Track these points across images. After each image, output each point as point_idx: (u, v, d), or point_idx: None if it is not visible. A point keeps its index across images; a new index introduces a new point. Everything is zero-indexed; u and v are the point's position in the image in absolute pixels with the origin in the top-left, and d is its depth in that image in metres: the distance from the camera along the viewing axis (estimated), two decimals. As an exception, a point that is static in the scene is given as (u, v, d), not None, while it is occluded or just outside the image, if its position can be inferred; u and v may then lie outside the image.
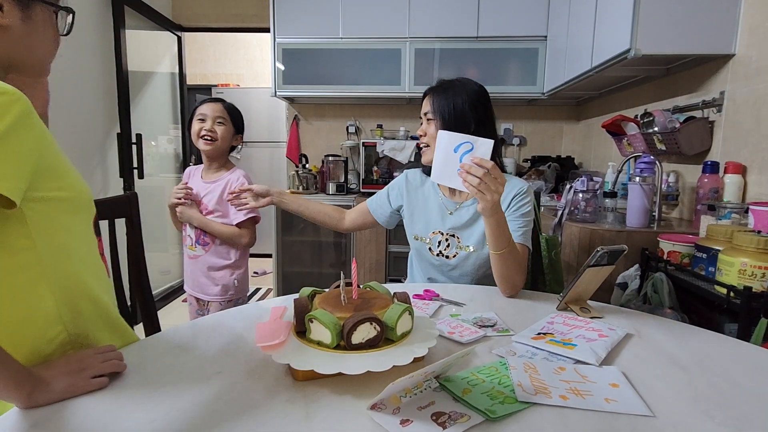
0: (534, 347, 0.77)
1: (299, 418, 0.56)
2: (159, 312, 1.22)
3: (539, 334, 0.82)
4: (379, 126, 3.17)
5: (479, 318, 0.90)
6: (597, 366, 0.70)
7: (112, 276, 0.87)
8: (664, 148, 1.79)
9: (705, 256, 1.26)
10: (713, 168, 1.58)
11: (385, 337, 0.67)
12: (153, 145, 3.25)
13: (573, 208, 1.79)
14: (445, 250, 1.24)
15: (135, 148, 2.84)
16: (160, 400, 0.60)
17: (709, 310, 1.30)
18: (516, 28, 2.71)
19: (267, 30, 2.90)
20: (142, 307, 1.17)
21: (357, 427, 0.54)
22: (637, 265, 1.48)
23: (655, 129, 1.79)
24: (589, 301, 0.99)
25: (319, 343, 0.65)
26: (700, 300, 1.26)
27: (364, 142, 2.94)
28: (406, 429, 0.53)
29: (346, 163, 3.00)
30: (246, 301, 1.72)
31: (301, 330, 0.69)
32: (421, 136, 1.23)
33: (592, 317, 0.92)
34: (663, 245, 1.42)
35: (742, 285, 1.07)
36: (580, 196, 1.77)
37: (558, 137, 3.23)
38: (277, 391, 0.62)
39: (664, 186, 1.80)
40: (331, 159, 2.98)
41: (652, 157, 1.73)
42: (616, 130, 2.11)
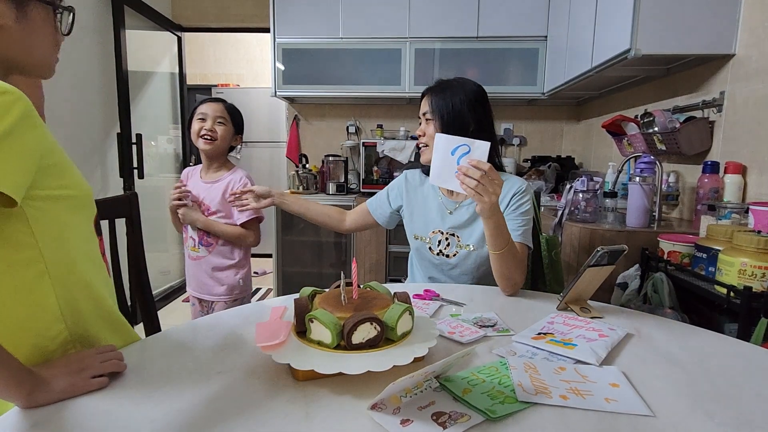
0: (534, 347, 0.77)
1: (299, 418, 0.56)
2: (159, 312, 1.22)
3: (539, 334, 0.82)
4: (379, 126, 3.17)
5: (479, 318, 0.90)
6: (597, 366, 0.70)
7: (112, 276, 0.87)
8: (664, 148, 1.79)
9: (705, 256, 1.26)
10: (713, 168, 1.58)
11: (385, 337, 0.67)
12: (153, 145, 3.25)
13: (573, 208, 1.79)
14: (445, 249, 1.24)
15: (135, 148, 2.84)
16: (160, 400, 0.60)
17: (709, 310, 1.30)
18: (516, 28, 2.71)
19: (267, 30, 2.90)
20: (142, 307, 1.17)
21: (357, 427, 0.54)
22: (637, 265, 1.48)
23: (655, 129, 1.79)
24: (589, 301, 0.99)
25: (319, 343, 0.65)
26: (700, 300, 1.26)
27: (364, 142, 2.94)
28: (406, 429, 0.53)
29: (346, 163, 3.00)
30: (250, 300, 1.73)
31: (301, 330, 0.69)
32: (420, 136, 1.23)
33: (593, 317, 0.92)
34: (663, 245, 1.43)
35: (742, 285, 1.07)
36: (581, 196, 1.77)
37: (558, 137, 3.23)
38: (277, 391, 0.62)
39: (664, 186, 1.80)
40: (331, 159, 2.98)
41: (652, 157, 1.73)
42: (616, 130, 2.11)
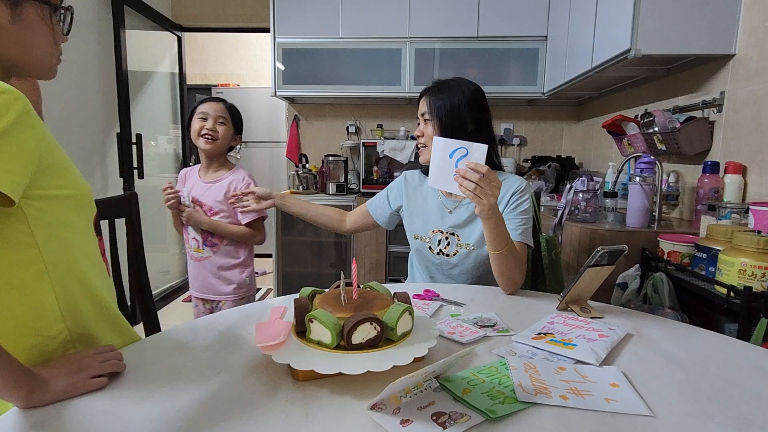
0: (534, 347, 0.77)
1: (299, 418, 0.56)
2: (159, 312, 1.22)
3: (539, 334, 0.82)
4: (379, 126, 3.17)
5: (479, 318, 0.90)
6: (597, 366, 0.70)
7: (112, 276, 0.87)
8: (664, 148, 1.79)
9: (705, 256, 1.26)
10: (713, 168, 1.58)
11: (385, 337, 0.67)
12: (153, 145, 3.25)
13: (573, 208, 1.79)
14: (445, 248, 1.24)
15: (135, 148, 2.84)
16: (160, 400, 0.60)
17: (709, 310, 1.30)
18: (516, 28, 2.71)
19: (267, 30, 2.90)
20: (142, 307, 1.17)
21: (357, 427, 0.54)
22: (637, 265, 1.48)
23: (656, 129, 1.79)
24: (589, 301, 0.99)
25: (319, 343, 0.65)
26: (700, 300, 1.26)
27: (364, 142, 2.94)
28: (406, 429, 0.53)
29: (346, 163, 3.00)
30: (254, 298, 1.74)
31: (301, 330, 0.69)
32: (419, 137, 1.24)
33: (593, 317, 0.92)
34: (663, 245, 1.42)
35: (742, 285, 1.07)
36: (581, 196, 1.77)
37: (558, 137, 3.23)
38: (277, 391, 0.62)
39: (664, 186, 1.80)
40: (331, 159, 2.98)
41: (653, 157, 1.73)
42: (616, 130, 2.11)
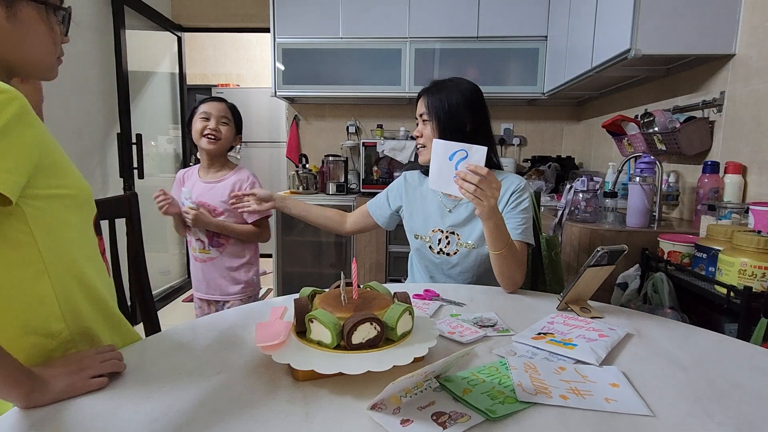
0: (534, 347, 0.77)
1: (299, 418, 0.56)
2: (159, 312, 1.22)
3: (539, 334, 0.82)
4: (379, 126, 3.17)
5: (479, 318, 0.90)
6: (597, 366, 0.70)
7: (112, 276, 0.87)
8: (664, 148, 1.79)
9: (705, 256, 1.26)
10: (713, 168, 1.58)
11: (385, 337, 0.67)
12: (153, 145, 3.25)
13: (573, 208, 1.79)
14: (445, 247, 1.25)
15: (135, 148, 2.85)
16: (160, 400, 0.60)
17: (709, 310, 1.30)
18: (516, 28, 2.71)
19: (267, 30, 2.90)
20: (142, 307, 1.17)
21: (357, 427, 0.54)
22: (637, 265, 1.48)
23: (656, 129, 1.79)
24: (589, 301, 0.99)
25: (319, 343, 0.65)
26: (700, 300, 1.26)
27: (364, 142, 2.94)
28: (406, 429, 0.53)
29: (346, 163, 3.00)
30: (259, 296, 1.74)
31: (301, 330, 0.69)
32: (418, 137, 1.24)
33: (593, 317, 0.92)
34: (663, 245, 1.42)
35: (742, 285, 1.07)
36: (581, 196, 1.77)
37: (558, 137, 3.23)
38: (277, 391, 0.62)
39: (664, 186, 1.80)
40: (331, 159, 2.98)
41: (653, 157, 1.73)
42: (616, 130, 2.11)
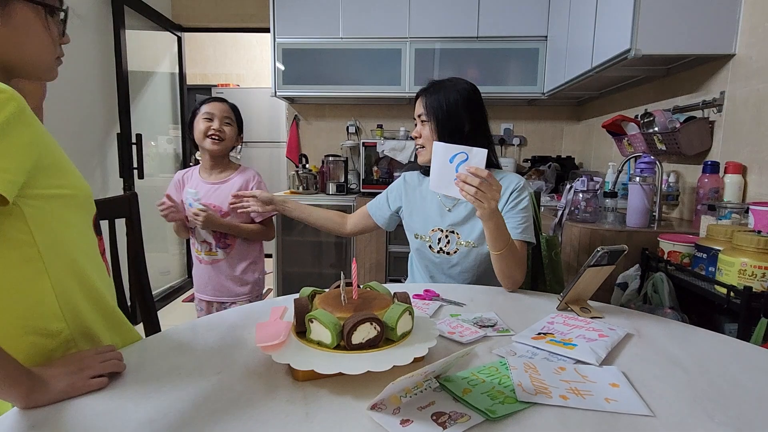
0: (534, 347, 0.77)
1: (299, 418, 0.56)
2: (159, 312, 1.22)
3: (539, 334, 0.82)
4: (379, 126, 3.17)
5: (479, 318, 0.90)
6: (597, 366, 0.70)
7: (112, 276, 0.87)
8: (664, 148, 1.79)
9: (705, 256, 1.26)
10: (713, 168, 1.58)
11: (385, 337, 0.67)
12: (153, 145, 3.25)
13: (573, 208, 1.79)
14: (445, 246, 1.25)
15: (135, 148, 2.84)
16: (160, 400, 0.60)
17: (709, 310, 1.30)
18: (516, 28, 2.71)
19: (267, 30, 2.90)
20: (142, 308, 1.17)
21: (357, 427, 0.54)
22: (637, 265, 1.48)
23: (656, 129, 1.79)
24: (589, 301, 0.99)
25: (319, 343, 0.65)
26: (700, 300, 1.26)
27: (364, 142, 2.94)
28: (406, 429, 0.53)
29: (346, 164, 3.00)
30: (263, 296, 1.74)
31: (301, 330, 0.69)
32: (417, 138, 1.24)
33: (593, 317, 0.92)
34: (663, 245, 1.42)
35: (742, 285, 1.07)
36: (581, 196, 1.77)
37: (558, 137, 3.23)
38: (277, 391, 0.62)
39: (664, 186, 1.80)
40: (331, 159, 2.98)
41: (653, 157, 1.73)
42: (616, 130, 2.11)
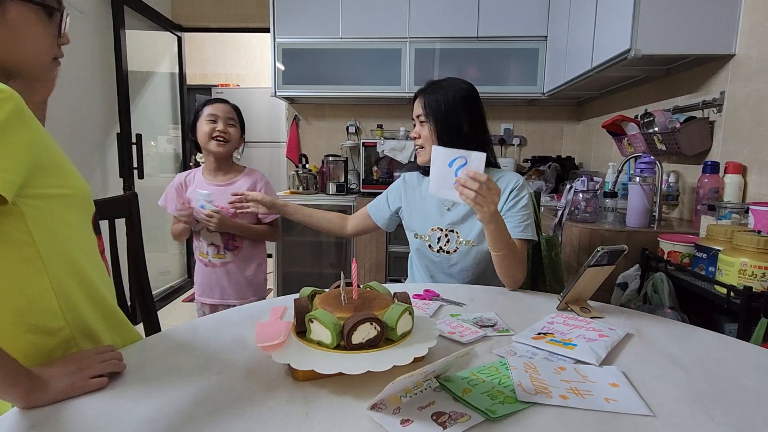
0: (534, 347, 0.77)
1: (299, 418, 0.56)
2: (159, 312, 1.22)
3: (539, 334, 0.82)
4: (379, 126, 3.17)
5: (479, 318, 0.90)
6: (597, 366, 0.70)
7: (112, 276, 0.87)
8: (664, 148, 1.79)
9: (705, 256, 1.26)
10: (713, 168, 1.58)
11: (385, 337, 0.67)
12: (153, 145, 3.25)
13: (573, 208, 1.79)
14: (445, 245, 1.25)
15: (135, 148, 2.84)
16: (160, 400, 0.60)
17: (709, 310, 1.30)
18: (516, 28, 2.71)
19: (267, 30, 2.90)
20: (142, 307, 1.17)
21: (357, 427, 0.54)
22: (637, 265, 1.48)
23: (656, 129, 1.79)
24: (589, 301, 0.99)
25: (319, 343, 0.65)
26: (700, 300, 1.26)
27: (364, 142, 2.94)
28: (406, 429, 0.53)
29: (346, 164, 3.00)
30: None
31: (301, 330, 0.69)
32: (416, 138, 1.24)
33: (593, 317, 0.92)
34: (663, 245, 1.42)
35: (742, 285, 1.07)
36: (581, 196, 1.77)
37: (558, 137, 3.23)
38: (277, 391, 0.62)
39: (664, 186, 1.80)
40: (331, 159, 2.98)
41: (653, 157, 1.73)
42: (616, 130, 2.11)
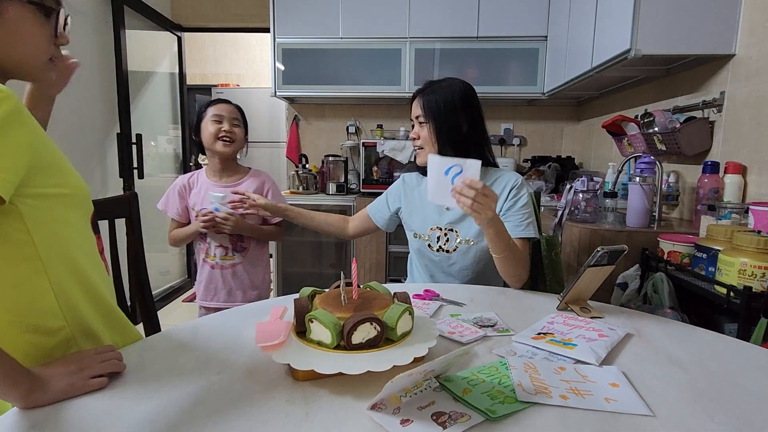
0: (534, 347, 0.77)
1: (299, 418, 0.56)
2: (159, 312, 1.22)
3: (539, 334, 0.82)
4: (379, 126, 3.17)
5: (479, 318, 0.90)
6: (597, 366, 0.70)
7: (112, 276, 0.87)
8: (664, 148, 1.79)
9: (705, 256, 1.26)
10: (713, 168, 1.58)
11: (385, 337, 0.67)
12: (153, 145, 3.25)
13: (573, 208, 1.79)
14: (444, 244, 1.25)
15: (135, 148, 2.84)
16: (160, 400, 0.60)
17: (709, 310, 1.30)
18: (516, 28, 2.71)
19: (267, 30, 2.90)
20: (142, 307, 1.17)
21: (357, 427, 0.54)
22: (637, 265, 1.48)
23: (656, 129, 1.79)
24: (589, 301, 0.99)
25: (319, 343, 0.65)
26: (700, 300, 1.26)
27: (364, 142, 2.94)
28: (406, 429, 0.53)
29: (346, 164, 3.00)
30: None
31: (301, 330, 0.69)
32: (415, 139, 1.24)
33: (592, 317, 0.92)
34: (663, 245, 1.42)
35: (742, 285, 1.07)
36: (581, 196, 1.77)
37: (558, 137, 3.23)
38: (277, 391, 0.62)
39: (664, 186, 1.80)
40: (331, 159, 2.98)
41: (653, 157, 1.73)
42: (616, 131, 2.11)
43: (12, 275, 0.64)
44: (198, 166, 1.64)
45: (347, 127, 3.24)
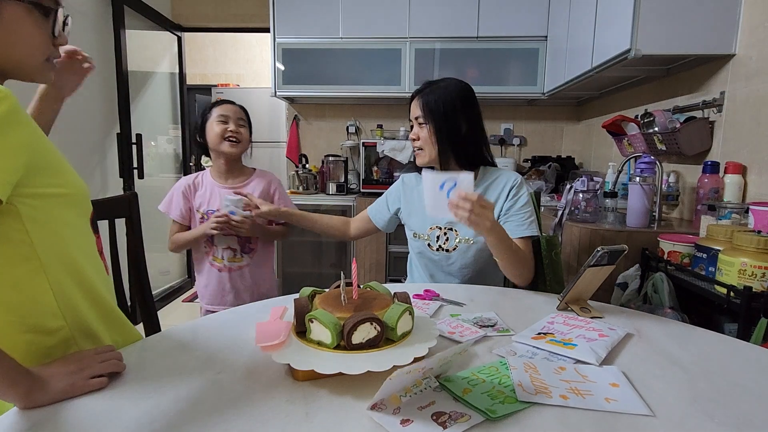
0: (534, 347, 0.77)
1: (299, 418, 0.56)
2: (159, 312, 1.22)
3: (539, 334, 0.82)
4: (379, 126, 3.17)
5: (479, 318, 0.90)
6: (597, 366, 0.70)
7: (112, 276, 0.87)
8: (664, 148, 1.79)
9: (705, 256, 1.26)
10: (713, 168, 1.58)
11: (385, 337, 0.67)
12: (153, 145, 3.25)
13: (573, 208, 1.79)
14: (444, 243, 1.25)
15: (135, 148, 2.84)
16: (160, 400, 0.60)
17: (709, 310, 1.30)
18: (516, 28, 2.71)
19: (267, 30, 2.90)
20: (142, 307, 1.17)
21: (357, 427, 0.54)
22: (637, 265, 1.48)
23: (656, 129, 1.79)
24: (589, 301, 0.99)
25: (319, 343, 0.65)
26: (700, 300, 1.26)
27: (364, 142, 2.94)
28: (407, 429, 0.53)
29: (346, 164, 3.00)
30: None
31: (301, 330, 0.69)
32: (414, 140, 1.24)
33: (593, 317, 0.92)
34: (663, 245, 1.42)
35: (742, 285, 1.07)
36: (581, 196, 1.77)
37: (558, 137, 3.23)
38: (277, 391, 0.62)
39: (664, 186, 1.80)
40: (331, 159, 2.98)
41: (653, 157, 1.73)
42: (616, 131, 2.11)
43: (11, 275, 0.64)
44: (198, 167, 1.63)
45: (347, 127, 3.24)
